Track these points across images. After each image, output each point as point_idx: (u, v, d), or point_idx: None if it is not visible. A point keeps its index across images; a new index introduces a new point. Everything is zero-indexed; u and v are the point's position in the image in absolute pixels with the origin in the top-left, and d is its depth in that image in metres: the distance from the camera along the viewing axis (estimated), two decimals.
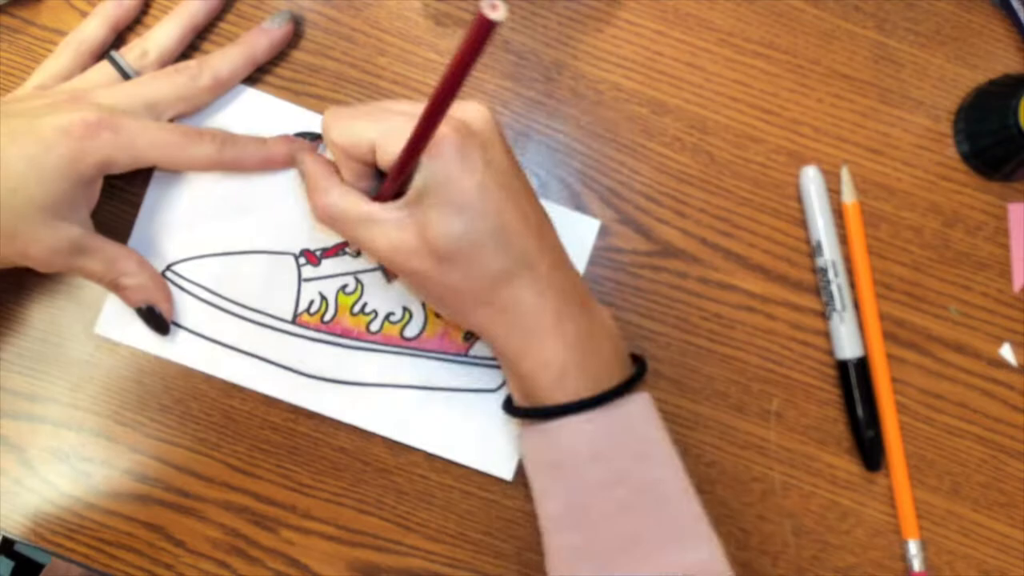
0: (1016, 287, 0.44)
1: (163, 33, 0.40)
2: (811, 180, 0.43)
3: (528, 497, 0.41)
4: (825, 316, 0.43)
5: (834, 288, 0.42)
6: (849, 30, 0.44)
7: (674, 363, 0.43)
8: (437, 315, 0.42)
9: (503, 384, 0.42)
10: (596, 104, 0.43)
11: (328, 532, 0.42)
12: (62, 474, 0.41)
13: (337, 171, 0.38)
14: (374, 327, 0.42)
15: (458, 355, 0.42)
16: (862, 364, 0.42)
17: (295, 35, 0.42)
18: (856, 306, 0.43)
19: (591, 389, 0.35)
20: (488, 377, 0.42)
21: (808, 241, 0.43)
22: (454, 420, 0.42)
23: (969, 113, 0.43)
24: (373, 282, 0.42)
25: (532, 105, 0.43)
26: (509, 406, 0.38)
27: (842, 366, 0.42)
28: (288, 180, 0.42)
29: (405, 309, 0.42)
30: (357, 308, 0.42)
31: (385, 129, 0.34)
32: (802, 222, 0.43)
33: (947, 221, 0.44)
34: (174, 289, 0.41)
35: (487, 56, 0.43)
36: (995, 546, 0.43)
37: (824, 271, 0.42)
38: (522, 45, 0.43)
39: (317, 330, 0.42)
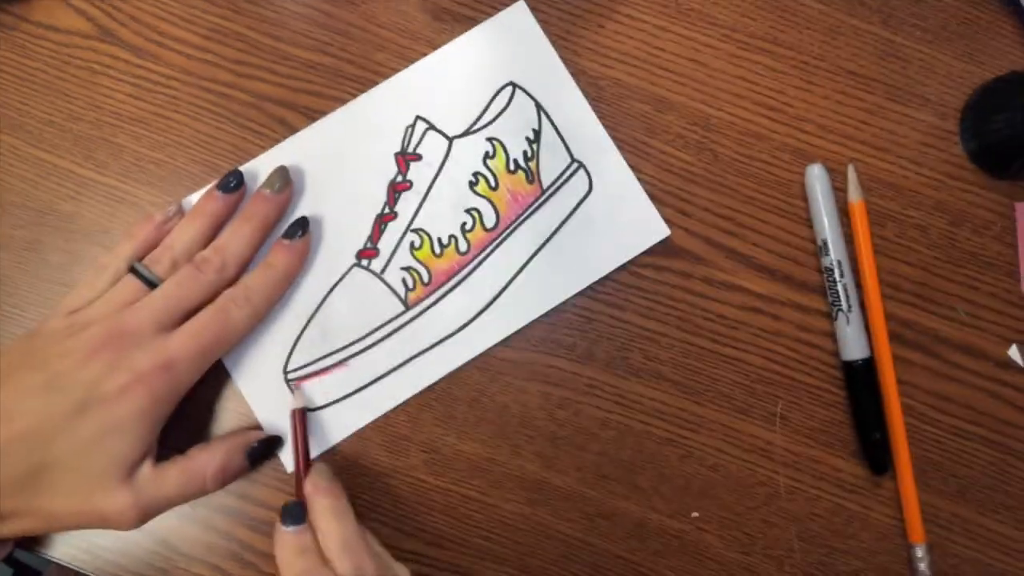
0: None
1: (187, 236, 0.39)
2: (816, 178, 0.42)
3: (531, 501, 0.41)
4: (831, 317, 0.42)
5: (840, 288, 0.41)
6: (855, 26, 0.44)
7: (677, 365, 0.42)
8: (493, 188, 0.42)
9: (591, 188, 0.42)
10: (597, 100, 0.43)
11: None
12: None
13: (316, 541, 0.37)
14: (462, 248, 0.41)
15: (537, 199, 0.42)
16: (868, 365, 0.42)
17: (291, 30, 0.42)
18: (862, 306, 0.42)
19: None
20: (574, 191, 0.42)
21: (814, 240, 0.43)
22: (581, 245, 0.42)
23: (976, 110, 0.43)
24: (429, 218, 0.42)
25: None
26: None
27: (848, 367, 0.42)
28: (311, 207, 0.42)
29: (468, 212, 0.42)
30: (437, 250, 0.41)
31: None
32: (807, 221, 0.43)
33: (954, 220, 0.43)
34: (306, 382, 0.41)
35: None
36: (1001, 550, 0.42)
37: (830, 271, 0.42)
38: None
39: (429, 295, 0.41)
